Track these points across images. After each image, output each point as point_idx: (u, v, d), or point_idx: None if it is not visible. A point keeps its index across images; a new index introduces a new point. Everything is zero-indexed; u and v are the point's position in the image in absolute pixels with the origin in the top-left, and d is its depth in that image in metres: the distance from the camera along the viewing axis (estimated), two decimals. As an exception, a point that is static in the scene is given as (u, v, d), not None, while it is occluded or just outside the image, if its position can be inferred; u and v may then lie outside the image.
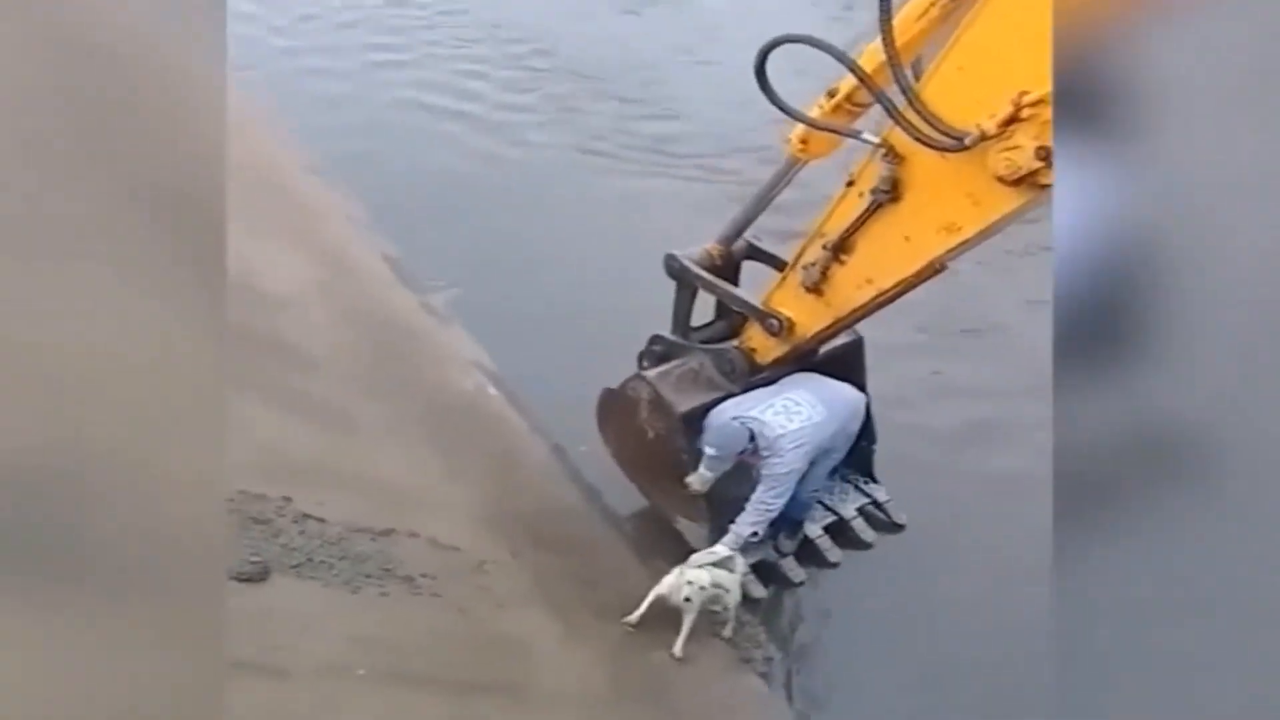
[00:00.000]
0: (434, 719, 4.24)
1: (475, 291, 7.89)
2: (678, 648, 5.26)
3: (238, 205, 7.76)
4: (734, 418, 5.41)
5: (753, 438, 5.38)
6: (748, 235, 5.93)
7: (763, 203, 5.72)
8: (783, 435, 5.34)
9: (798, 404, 5.48)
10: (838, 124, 4.81)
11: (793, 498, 5.55)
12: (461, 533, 5.47)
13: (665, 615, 5.35)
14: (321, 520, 4.93)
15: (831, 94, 4.88)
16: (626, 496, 6.41)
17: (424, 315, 7.67)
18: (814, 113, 4.90)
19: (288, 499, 4.95)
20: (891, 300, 4.89)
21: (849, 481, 6.40)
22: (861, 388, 5.91)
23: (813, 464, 5.56)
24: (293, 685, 3.92)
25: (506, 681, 4.73)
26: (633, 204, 9.30)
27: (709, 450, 5.46)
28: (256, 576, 4.37)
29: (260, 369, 5.95)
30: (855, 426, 5.82)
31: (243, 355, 5.93)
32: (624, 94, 11.33)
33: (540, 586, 5.45)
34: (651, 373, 5.83)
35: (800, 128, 5.07)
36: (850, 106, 4.87)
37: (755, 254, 5.94)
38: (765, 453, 5.37)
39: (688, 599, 5.22)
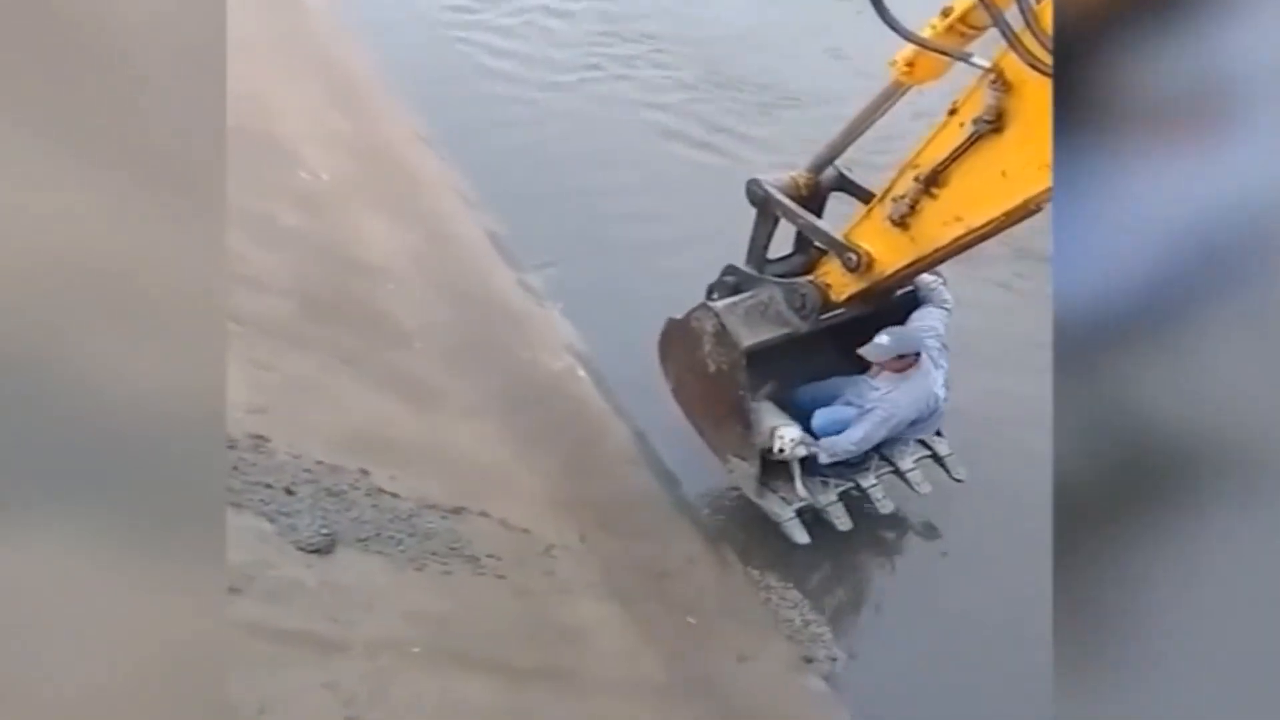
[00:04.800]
0: (484, 701, 4.29)
1: (575, 272, 7.93)
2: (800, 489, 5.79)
3: (354, 176, 8.01)
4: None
5: (916, 355, 5.56)
6: (840, 165, 5.72)
7: (859, 129, 5.45)
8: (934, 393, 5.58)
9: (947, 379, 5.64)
10: (948, 45, 4.57)
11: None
12: (532, 515, 5.51)
13: (728, 613, 5.36)
14: (395, 495, 5.01)
15: (945, 13, 4.61)
16: (703, 485, 6.42)
17: (521, 293, 7.73)
18: (925, 34, 4.65)
19: (365, 472, 5.04)
20: (978, 241, 4.71)
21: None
22: None
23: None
24: (346, 658, 4.01)
25: (561, 668, 4.76)
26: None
27: (881, 337, 5.50)
28: (324, 548, 4.48)
29: (351, 341, 6.08)
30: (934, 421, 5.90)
31: (335, 326, 6.08)
32: (745, 78, 11.15)
33: (607, 574, 5.47)
34: (719, 304, 5.65)
35: (907, 49, 4.82)
36: (964, 28, 4.59)
37: (845, 185, 5.73)
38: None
39: (781, 450, 5.61)
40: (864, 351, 5.51)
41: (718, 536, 6.17)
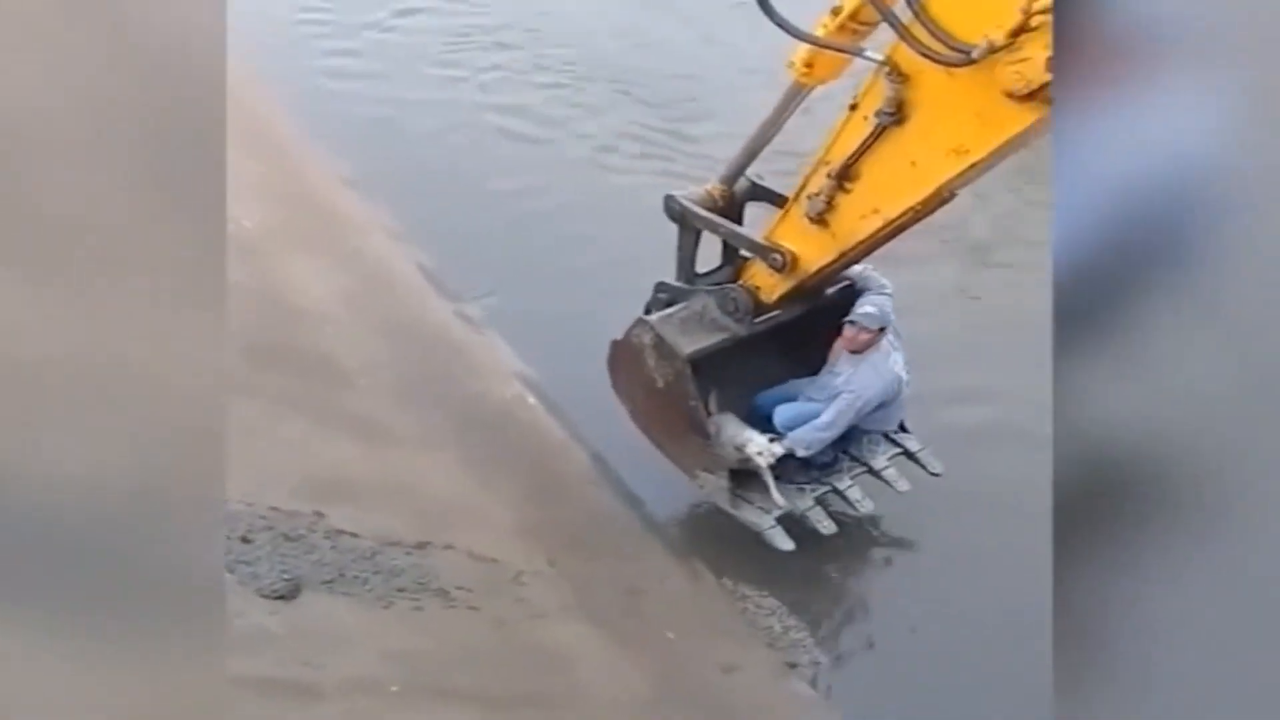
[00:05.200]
0: (472, 734, 4.15)
1: (513, 299, 7.80)
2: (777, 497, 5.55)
3: (278, 222, 7.82)
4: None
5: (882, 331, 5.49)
6: (750, 174, 5.70)
7: (766, 137, 5.47)
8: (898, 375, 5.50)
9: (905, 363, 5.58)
10: (841, 42, 4.61)
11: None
12: (498, 544, 5.37)
13: (706, 626, 5.27)
14: (354, 535, 4.85)
15: (835, 12, 4.65)
16: (668, 502, 6.31)
17: (461, 324, 7.59)
18: (818, 34, 4.68)
19: (320, 514, 4.88)
20: (899, 231, 4.70)
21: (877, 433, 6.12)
22: None
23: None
24: (324, 703, 3.84)
25: (546, 693, 4.63)
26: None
27: (866, 306, 5.43)
28: (287, 594, 4.30)
29: (295, 384, 5.91)
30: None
31: (277, 371, 5.90)
32: (658, 98, 11.11)
33: (580, 596, 5.33)
34: (653, 317, 5.64)
35: (803, 50, 4.85)
36: (855, 25, 4.63)
37: (759, 193, 5.72)
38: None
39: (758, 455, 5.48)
40: (855, 318, 5.43)
41: (687, 551, 6.05)
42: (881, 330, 5.44)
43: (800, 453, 5.56)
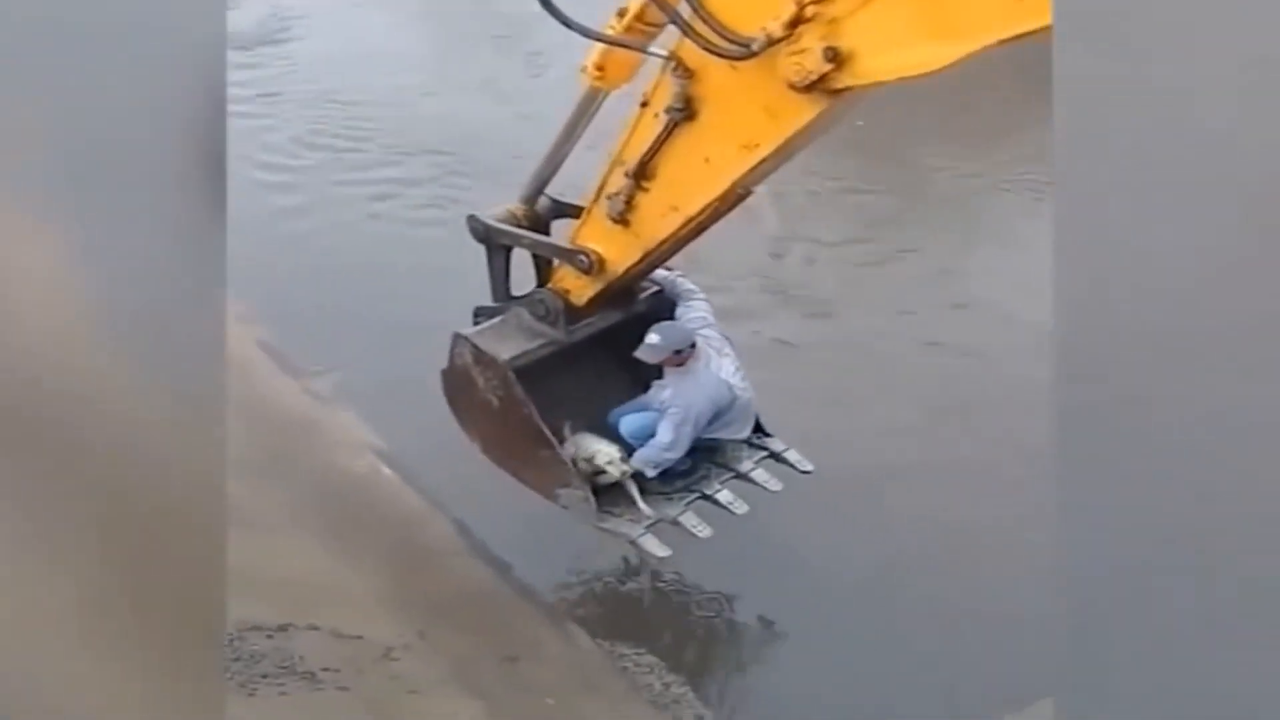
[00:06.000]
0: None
1: (359, 372, 7.56)
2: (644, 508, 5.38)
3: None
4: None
5: (692, 346, 5.33)
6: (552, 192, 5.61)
7: (564, 150, 5.37)
8: (724, 380, 5.36)
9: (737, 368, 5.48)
10: (629, 40, 4.57)
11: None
12: (365, 620, 5.14)
13: (587, 689, 5.12)
14: (210, 621, 4.56)
15: (621, 14, 4.61)
16: (537, 566, 6.15)
17: (309, 401, 7.32)
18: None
19: (172, 603, 4.58)
20: (700, 229, 4.71)
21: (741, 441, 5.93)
22: None
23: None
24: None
25: (428, 771, 4.41)
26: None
27: (652, 337, 5.29)
28: (141, 687, 3.99)
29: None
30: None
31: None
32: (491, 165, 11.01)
33: (455, 668, 5.13)
34: (468, 330, 5.54)
35: (595, 53, 4.77)
36: (642, 26, 4.58)
37: (562, 209, 5.63)
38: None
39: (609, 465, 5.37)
40: (639, 354, 5.36)
41: (560, 614, 5.90)
42: (680, 352, 5.35)
43: (649, 472, 5.45)
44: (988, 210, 10.48)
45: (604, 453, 5.39)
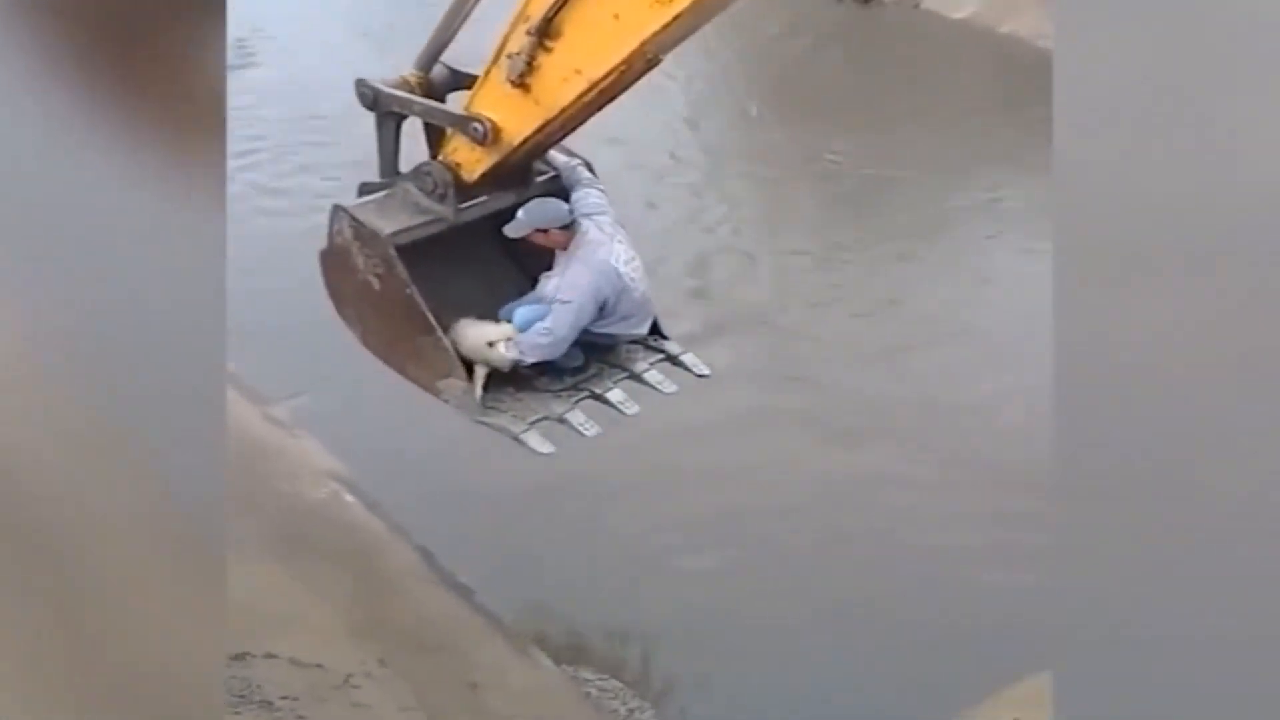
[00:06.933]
0: None
1: (320, 398, 7.49)
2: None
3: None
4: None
5: (568, 227, 5.00)
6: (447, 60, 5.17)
7: (464, 10, 4.94)
8: (613, 266, 5.01)
9: (631, 257, 5.13)
10: None
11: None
12: (323, 648, 5.06)
13: (551, 715, 5.06)
14: (164, 651, 4.48)
15: None
16: (500, 591, 6.09)
17: (270, 427, 7.24)
18: None
19: (124, 632, 4.49)
20: (605, 99, 4.43)
21: (637, 342, 5.56)
22: None
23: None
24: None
25: (389, 800, 4.34)
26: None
27: (520, 213, 4.97)
28: (93, 720, 3.91)
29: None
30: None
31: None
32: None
33: (419, 695, 5.06)
34: (350, 203, 5.05)
35: None
36: None
37: (458, 80, 5.19)
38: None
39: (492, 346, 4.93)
40: (507, 230, 5.05)
41: (524, 640, 5.84)
42: (568, 227, 5.05)
43: (528, 359, 5.07)
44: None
45: (497, 330, 5.03)
